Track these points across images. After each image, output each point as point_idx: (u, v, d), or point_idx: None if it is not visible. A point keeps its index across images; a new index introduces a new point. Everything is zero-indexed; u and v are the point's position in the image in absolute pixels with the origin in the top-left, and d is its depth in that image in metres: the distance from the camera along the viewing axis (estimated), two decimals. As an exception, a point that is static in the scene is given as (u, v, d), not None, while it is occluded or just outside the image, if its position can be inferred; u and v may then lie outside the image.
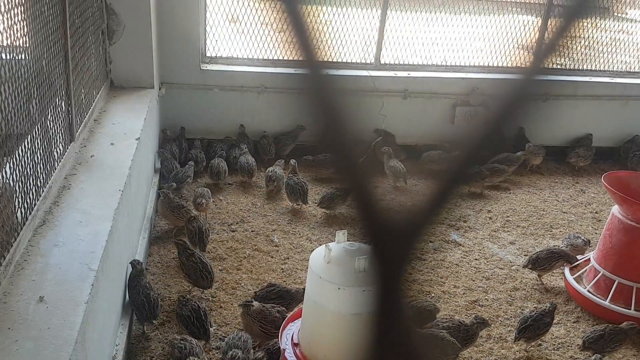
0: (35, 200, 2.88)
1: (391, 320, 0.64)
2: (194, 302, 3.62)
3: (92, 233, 2.92)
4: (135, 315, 3.70)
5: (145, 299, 3.57)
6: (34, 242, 2.75)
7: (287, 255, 4.68)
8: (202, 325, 3.53)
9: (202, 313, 3.56)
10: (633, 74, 7.12)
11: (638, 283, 4.18)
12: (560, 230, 5.43)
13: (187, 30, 5.77)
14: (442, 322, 3.66)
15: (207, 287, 4.05)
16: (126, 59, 5.16)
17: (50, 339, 2.21)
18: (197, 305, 3.59)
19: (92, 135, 4.11)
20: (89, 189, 3.34)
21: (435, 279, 4.51)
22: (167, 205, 4.70)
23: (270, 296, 3.84)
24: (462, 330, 3.61)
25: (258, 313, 3.57)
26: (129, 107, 4.79)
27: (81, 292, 2.49)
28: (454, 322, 3.66)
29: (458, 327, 3.62)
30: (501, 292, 4.44)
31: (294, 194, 5.29)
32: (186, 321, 3.54)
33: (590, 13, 0.64)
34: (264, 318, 3.57)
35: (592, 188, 6.36)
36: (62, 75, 3.56)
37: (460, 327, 3.62)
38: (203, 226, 4.50)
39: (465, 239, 5.12)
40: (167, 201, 4.70)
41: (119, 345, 3.28)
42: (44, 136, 3.13)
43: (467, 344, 3.64)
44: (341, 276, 3.08)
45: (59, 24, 3.46)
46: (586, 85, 6.79)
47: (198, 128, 6.14)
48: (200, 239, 4.45)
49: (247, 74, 6.08)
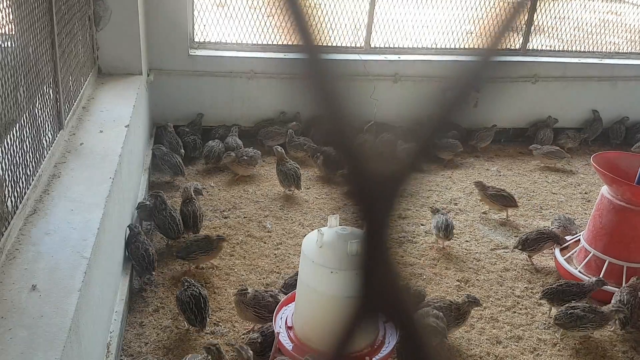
0: (25, 189, 2.87)
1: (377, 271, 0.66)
2: (196, 289, 3.61)
3: (83, 221, 2.91)
4: (134, 270, 3.97)
5: (145, 252, 3.89)
6: (25, 231, 2.74)
7: (280, 241, 4.69)
8: (200, 313, 3.52)
9: (202, 300, 3.55)
10: (622, 55, 7.14)
11: (628, 262, 4.23)
12: (550, 211, 5.48)
13: (175, 15, 5.71)
14: (433, 302, 3.69)
15: (174, 238, 4.42)
16: (113, 45, 5.10)
17: (44, 327, 2.21)
18: (199, 292, 3.58)
19: (81, 123, 4.08)
20: (79, 176, 3.33)
21: (427, 262, 4.55)
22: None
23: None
24: (454, 309, 3.65)
25: (252, 299, 3.59)
26: (118, 94, 4.75)
27: (74, 280, 2.49)
28: (445, 302, 3.70)
29: (449, 306, 3.66)
30: (492, 273, 4.48)
31: (287, 180, 5.29)
32: (185, 306, 3.54)
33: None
34: (257, 303, 3.59)
35: (582, 169, 6.40)
36: (49, 63, 3.52)
37: (451, 306, 3.66)
38: (198, 210, 4.55)
39: (457, 222, 5.15)
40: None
41: (113, 332, 3.29)
42: (33, 124, 3.10)
43: (458, 323, 3.68)
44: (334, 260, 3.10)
45: (44, 10, 3.42)
46: (575, 66, 6.81)
47: (187, 114, 6.11)
48: (194, 223, 4.49)
49: (236, 59, 6.04)
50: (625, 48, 7.29)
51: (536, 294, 4.25)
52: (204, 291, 3.66)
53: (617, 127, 6.95)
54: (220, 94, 6.13)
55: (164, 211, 4.40)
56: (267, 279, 4.23)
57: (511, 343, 3.80)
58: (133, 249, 3.91)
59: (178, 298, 3.62)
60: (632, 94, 7.02)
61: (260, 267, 4.32)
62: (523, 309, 4.11)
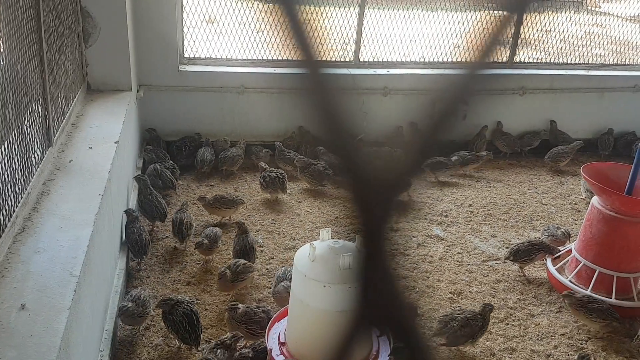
0: (14, 207, 2.84)
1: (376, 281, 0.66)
2: (186, 306, 3.54)
3: (72, 238, 2.89)
4: (130, 252, 4.28)
5: (139, 237, 4.22)
6: (13, 249, 2.71)
7: (272, 255, 4.67)
8: (195, 331, 3.46)
9: (195, 318, 3.50)
10: (608, 67, 7.23)
11: (618, 272, 4.25)
12: (541, 222, 5.50)
13: (164, 31, 5.72)
14: (457, 314, 3.75)
15: (162, 221, 4.69)
16: (103, 62, 5.10)
17: (33, 347, 2.18)
18: (190, 309, 3.53)
19: (70, 140, 4.06)
20: (69, 194, 3.31)
21: (419, 274, 4.54)
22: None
23: None
24: (479, 319, 3.73)
25: (243, 315, 3.56)
26: (107, 111, 4.74)
27: (63, 298, 2.46)
28: (469, 313, 3.76)
29: (475, 316, 3.73)
30: (484, 285, 4.49)
31: (273, 184, 5.38)
32: (177, 326, 3.46)
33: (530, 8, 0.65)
34: (249, 319, 3.56)
35: (571, 180, 6.45)
36: (38, 80, 3.51)
37: (477, 317, 3.74)
38: (185, 219, 4.58)
39: (448, 234, 5.16)
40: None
41: (103, 351, 3.25)
42: (21, 141, 3.09)
43: (483, 331, 3.76)
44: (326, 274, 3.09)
45: (33, 27, 3.42)
46: (562, 78, 6.88)
47: (177, 130, 6.10)
48: (179, 231, 4.52)
49: (226, 75, 6.05)
50: (611, 60, 7.39)
51: (529, 306, 4.25)
52: (194, 307, 3.62)
53: (605, 138, 7.02)
54: (211, 109, 6.14)
55: (150, 195, 4.67)
56: (259, 294, 4.20)
57: (505, 355, 3.79)
58: (129, 233, 4.26)
59: (168, 319, 3.51)
60: (619, 105, 7.10)
61: (251, 282, 4.29)
62: (516, 321, 4.10)
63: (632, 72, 7.20)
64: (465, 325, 3.67)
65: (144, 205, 4.70)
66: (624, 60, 7.42)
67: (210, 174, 5.87)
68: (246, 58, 6.20)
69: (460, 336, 3.67)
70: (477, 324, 3.70)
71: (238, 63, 6.18)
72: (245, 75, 6.07)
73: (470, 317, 3.70)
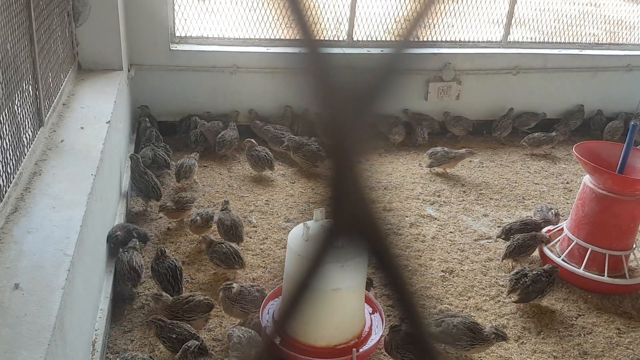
0: (5, 187, 2.83)
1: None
2: (171, 261, 3.81)
3: (65, 218, 2.89)
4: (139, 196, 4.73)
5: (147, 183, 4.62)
6: (6, 230, 2.71)
7: (266, 235, 4.69)
8: (177, 284, 3.74)
9: (178, 272, 3.78)
10: (601, 46, 7.22)
11: (610, 250, 4.30)
12: (533, 202, 5.54)
13: (155, 9, 5.65)
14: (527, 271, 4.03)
15: (157, 200, 4.73)
16: (93, 41, 5.04)
17: (27, 326, 2.19)
18: (174, 264, 3.80)
19: (62, 120, 4.03)
20: (61, 174, 3.29)
21: (412, 253, 4.57)
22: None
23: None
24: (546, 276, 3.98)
25: (237, 294, 3.58)
26: (98, 90, 4.70)
27: (57, 277, 2.47)
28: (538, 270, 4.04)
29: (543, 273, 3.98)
30: (476, 263, 4.53)
31: (260, 162, 5.45)
32: (162, 277, 3.75)
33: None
34: (243, 298, 3.59)
35: (563, 159, 6.48)
36: (28, 59, 3.47)
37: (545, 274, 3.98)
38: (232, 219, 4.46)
39: (440, 213, 5.19)
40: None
41: (98, 329, 3.27)
42: (12, 121, 3.06)
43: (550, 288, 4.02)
44: (319, 253, 3.11)
45: (22, 6, 3.37)
46: (555, 57, 6.87)
47: (169, 109, 6.06)
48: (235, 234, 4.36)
49: (219, 54, 6.00)
50: (605, 39, 7.37)
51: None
52: (178, 263, 3.86)
53: (598, 118, 7.03)
54: (203, 88, 6.10)
55: (146, 175, 4.70)
56: (253, 273, 4.22)
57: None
58: (137, 177, 4.60)
59: (154, 269, 3.79)
60: (612, 84, 7.10)
61: (246, 262, 4.31)
62: (507, 298, 4.15)
63: (625, 52, 7.19)
64: (537, 281, 3.92)
65: (139, 184, 4.72)
66: (617, 39, 7.41)
67: (204, 154, 5.83)
68: (239, 37, 6.14)
69: (532, 292, 3.92)
70: (546, 281, 3.95)
71: (230, 42, 6.12)
72: (237, 54, 6.02)
73: (541, 273, 3.97)
